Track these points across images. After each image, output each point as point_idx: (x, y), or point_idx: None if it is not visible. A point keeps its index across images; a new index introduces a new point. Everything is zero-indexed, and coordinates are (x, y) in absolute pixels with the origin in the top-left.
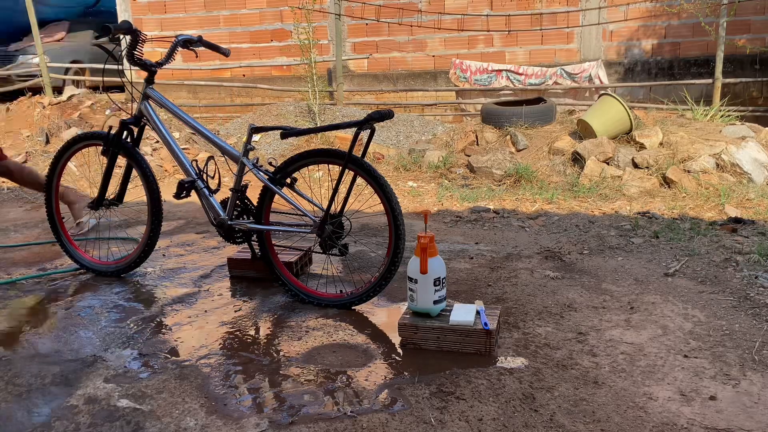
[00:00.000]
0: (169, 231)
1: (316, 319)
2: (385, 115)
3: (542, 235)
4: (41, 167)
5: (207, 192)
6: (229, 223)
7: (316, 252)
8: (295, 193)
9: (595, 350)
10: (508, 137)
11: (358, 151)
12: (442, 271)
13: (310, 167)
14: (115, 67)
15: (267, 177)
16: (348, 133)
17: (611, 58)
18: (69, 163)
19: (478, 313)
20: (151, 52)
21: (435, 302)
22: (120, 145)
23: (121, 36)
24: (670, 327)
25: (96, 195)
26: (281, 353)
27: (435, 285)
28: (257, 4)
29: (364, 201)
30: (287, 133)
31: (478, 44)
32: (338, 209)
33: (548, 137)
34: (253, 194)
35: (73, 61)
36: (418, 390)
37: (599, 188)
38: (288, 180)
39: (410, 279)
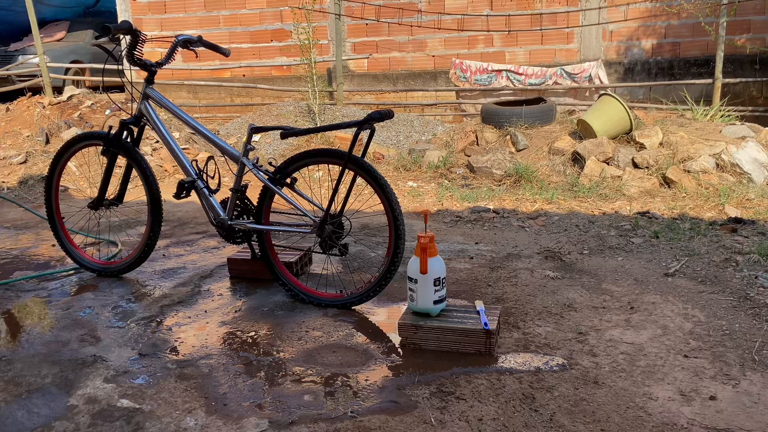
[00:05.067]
0: (169, 231)
1: (316, 319)
2: (385, 115)
3: (542, 235)
4: (41, 167)
5: (207, 192)
6: (229, 223)
7: (316, 252)
8: (295, 193)
9: (595, 350)
10: (508, 137)
11: (358, 151)
12: (442, 271)
13: (310, 167)
14: (115, 67)
15: (267, 177)
16: (348, 133)
17: (611, 58)
18: (69, 163)
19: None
20: (151, 52)
21: (435, 302)
22: (120, 145)
23: (121, 36)
24: (670, 327)
25: (96, 195)
26: (281, 353)
27: (435, 285)
28: (257, 4)
29: (364, 201)
30: (287, 133)
31: (478, 44)
32: (338, 209)
33: (548, 137)
34: (253, 194)
35: (73, 61)
36: (418, 390)
37: (599, 188)
38: (288, 180)
39: (410, 279)
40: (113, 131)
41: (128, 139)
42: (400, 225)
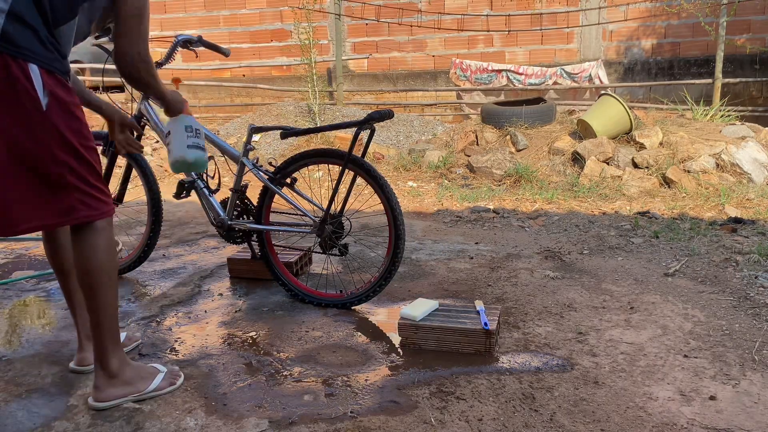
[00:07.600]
0: (169, 231)
1: (316, 319)
2: (385, 115)
3: (542, 235)
4: None
5: (207, 192)
6: (229, 223)
7: (316, 252)
8: (295, 193)
9: (595, 350)
10: (508, 137)
11: (358, 151)
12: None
13: (310, 167)
14: (115, 67)
15: (267, 177)
16: (348, 133)
17: (611, 58)
18: None
19: (437, 309)
20: (152, 52)
21: (189, 147)
22: None
23: None
24: (670, 327)
25: None
26: (281, 353)
27: (188, 132)
28: (257, 4)
29: (364, 201)
30: (287, 133)
31: (478, 44)
32: (338, 209)
33: (548, 137)
34: (253, 194)
35: (73, 62)
36: (418, 390)
37: (599, 188)
38: (288, 180)
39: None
40: None
41: None
42: (400, 225)
